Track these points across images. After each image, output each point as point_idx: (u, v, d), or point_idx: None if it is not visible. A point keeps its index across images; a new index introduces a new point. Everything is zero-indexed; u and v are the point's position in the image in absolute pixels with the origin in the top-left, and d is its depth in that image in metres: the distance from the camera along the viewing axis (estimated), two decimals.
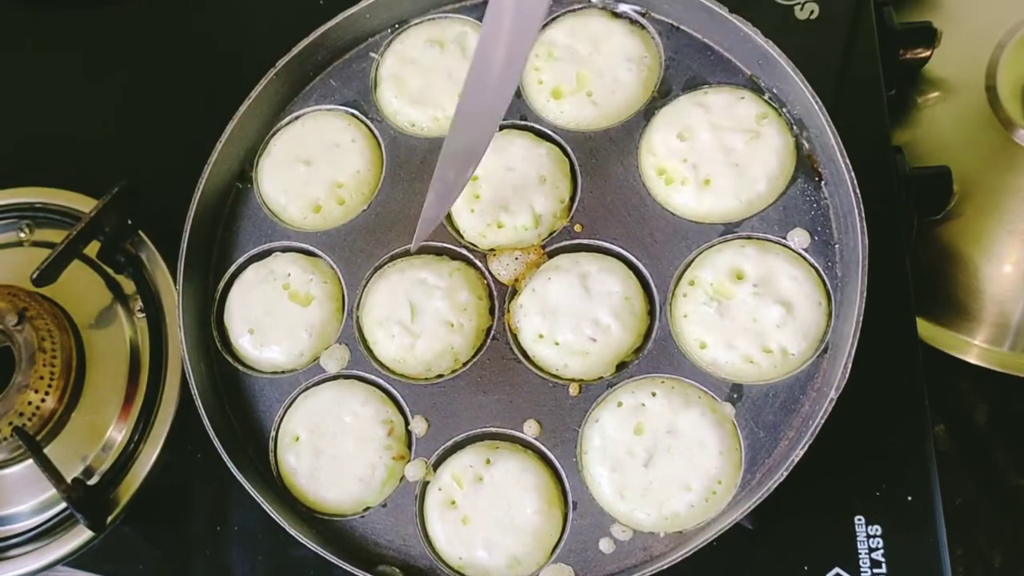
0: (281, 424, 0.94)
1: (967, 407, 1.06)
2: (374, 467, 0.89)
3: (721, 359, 0.86)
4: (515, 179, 0.94)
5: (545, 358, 0.90)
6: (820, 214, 0.88)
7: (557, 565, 0.85)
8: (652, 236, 0.91)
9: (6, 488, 1.05)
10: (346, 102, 1.04)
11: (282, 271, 0.97)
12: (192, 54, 1.24)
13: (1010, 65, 1.10)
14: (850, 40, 1.02)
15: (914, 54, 1.07)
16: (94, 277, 1.12)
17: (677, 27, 0.97)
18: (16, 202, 1.17)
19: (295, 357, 0.95)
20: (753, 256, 0.87)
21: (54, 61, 1.28)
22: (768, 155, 0.89)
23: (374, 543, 0.89)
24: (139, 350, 1.08)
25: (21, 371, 1.02)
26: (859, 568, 0.86)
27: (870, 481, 0.88)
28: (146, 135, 1.19)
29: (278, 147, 1.03)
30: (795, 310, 0.85)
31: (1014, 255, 1.05)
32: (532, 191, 0.93)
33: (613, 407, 0.87)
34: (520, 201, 0.93)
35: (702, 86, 0.94)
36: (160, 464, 1.03)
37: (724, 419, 0.85)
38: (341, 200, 1.00)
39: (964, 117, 1.11)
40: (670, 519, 0.83)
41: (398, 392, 0.92)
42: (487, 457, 0.88)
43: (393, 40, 1.05)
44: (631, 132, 0.95)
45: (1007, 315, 1.04)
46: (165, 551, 1.02)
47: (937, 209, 1.07)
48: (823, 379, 0.83)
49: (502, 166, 0.95)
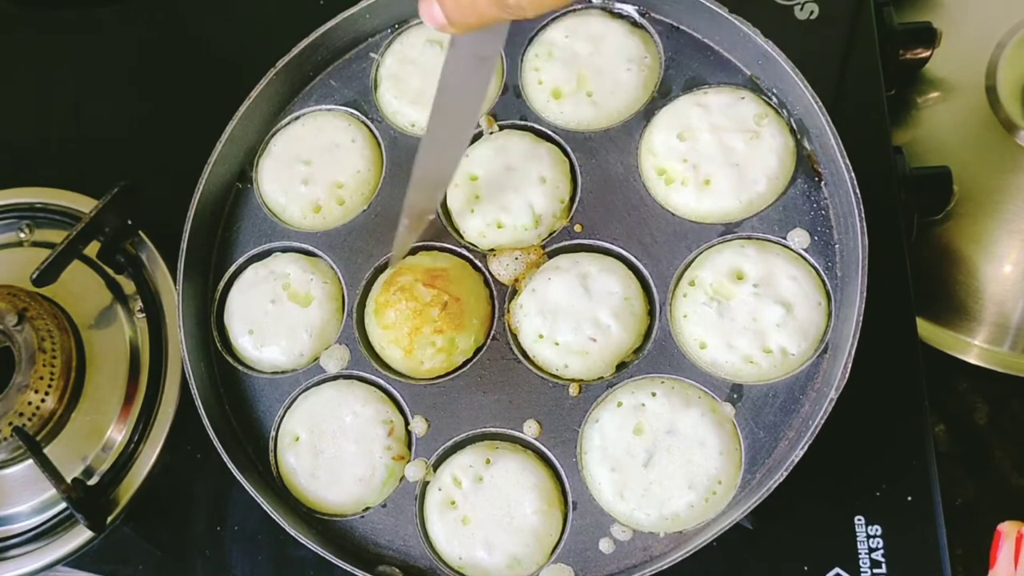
0: (281, 424, 0.94)
1: (967, 407, 1.06)
2: (374, 467, 0.89)
3: (721, 359, 0.86)
4: (515, 179, 0.94)
5: (545, 358, 0.90)
6: (820, 214, 0.88)
7: (557, 565, 0.85)
8: (652, 236, 0.91)
9: (6, 488, 1.05)
10: (346, 102, 1.04)
11: (282, 271, 0.97)
12: (192, 54, 1.24)
13: (1010, 65, 1.10)
14: (850, 40, 1.02)
15: (914, 54, 1.07)
16: (94, 277, 1.12)
17: (677, 27, 0.97)
18: (16, 202, 1.17)
19: (295, 357, 0.95)
20: (753, 256, 0.87)
21: (54, 61, 1.27)
22: (768, 155, 0.89)
23: (374, 543, 0.89)
24: (139, 350, 1.08)
25: (21, 371, 1.02)
26: (859, 568, 0.86)
27: (870, 481, 0.88)
28: (146, 135, 1.19)
29: (278, 147, 1.03)
30: (795, 310, 0.85)
31: (1014, 255, 1.05)
32: (532, 191, 0.93)
33: (613, 407, 0.87)
34: (520, 201, 0.93)
35: (702, 86, 0.94)
36: (160, 464, 1.03)
37: (724, 419, 0.85)
38: (341, 200, 1.00)
39: (964, 117, 1.11)
40: (670, 519, 0.83)
41: (398, 392, 0.92)
42: (487, 457, 0.88)
43: (393, 40, 1.05)
44: (631, 132, 0.95)
45: (1007, 315, 1.04)
46: (165, 551, 1.02)
47: (937, 209, 1.07)
48: (823, 379, 0.83)
49: (502, 166, 0.95)
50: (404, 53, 1.03)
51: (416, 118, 1.01)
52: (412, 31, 1.04)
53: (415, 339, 0.90)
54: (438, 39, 1.02)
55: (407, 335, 0.90)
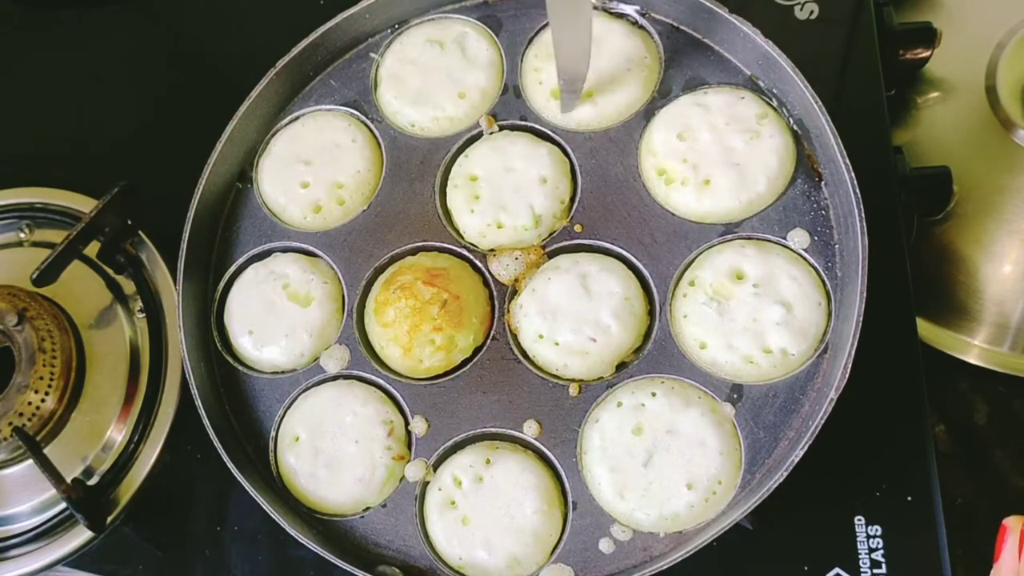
0: (281, 424, 0.94)
1: (967, 407, 1.06)
2: (374, 467, 0.89)
3: (721, 359, 0.86)
4: (515, 179, 0.94)
5: (545, 358, 0.90)
6: (820, 214, 0.88)
7: (557, 565, 0.85)
8: (652, 236, 0.91)
9: (6, 488, 1.05)
10: (346, 102, 1.04)
11: (282, 271, 0.97)
12: (192, 54, 1.24)
13: (1010, 65, 1.10)
14: (850, 40, 1.02)
15: (914, 54, 1.07)
16: (94, 277, 1.12)
17: (677, 27, 0.97)
18: (16, 202, 1.17)
19: (295, 357, 0.95)
20: (753, 256, 0.87)
21: (54, 61, 1.28)
22: (768, 155, 0.89)
23: (374, 543, 0.89)
24: (139, 350, 1.08)
25: (21, 371, 1.02)
26: (859, 568, 0.86)
27: (870, 481, 0.88)
28: (146, 135, 1.19)
29: (278, 147, 1.03)
30: (795, 310, 0.85)
31: (1014, 255, 1.05)
32: (532, 191, 0.93)
33: (613, 407, 0.87)
34: (520, 201, 0.93)
35: (702, 86, 0.94)
36: (160, 464, 1.03)
37: (724, 419, 0.85)
38: (341, 200, 1.00)
39: (964, 117, 1.11)
40: (670, 519, 0.83)
41: (398, 392, 0.92)
42: (487, 457, 0.88)
43: (393, 40, 1.05)
44: (631, 132, 0.95)
45: (1007, 315, 1.04)
46: (165, 551, 1.02)
47: (937, 209, 1.07)
48: (823, 379, 0.83)
49: (502, 166, 0.95)
50: (404, 53, 1.03)
51: (416, 118, 1.01)
52: (412, 31, 1.04)
53: (414, 337, 0.90)
54: (438, 39, 1.02)
55: (406, 333, 0.90)
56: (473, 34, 1.02)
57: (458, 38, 1.02)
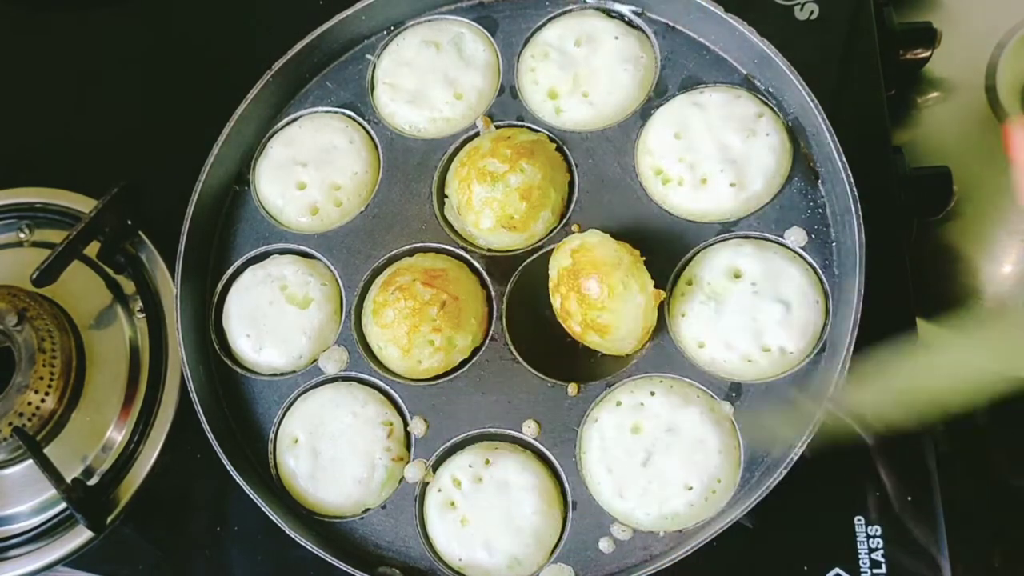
0: (280, 426, 0.94)
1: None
2: (373, 468, 0.89)
3: (719, 358, 0.86)
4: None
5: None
6: (817, 212, 0.88)
7: (557, 565, 0.85)
8: (650, 235, 0.91)
9: (6, 488, 1.05)
10: (343, 104, 1.04)
11: (280, 273, 0.97)
12: (190, 55, 1.24)
13: (1010, 65, 1.10)
14: (850, 40, 1.02)
15: (914, 54, 1.07)
16: (94, 277, 1.12)
17: (673, 27, 0.97)
18: (16, 202, 1.17)
19: (294, 359, 0.95)
20: (751, 254, 0.87)
21: (54, 61, 1.28)
22: (765, 154, 0.89)
23: (374, 544, 0.89)
24: (139, 350, 1.08)
25: (21, 371, 1.02)
26: (859, 568, 0.85)
27: (870, 481, 0.88)
28: (145, 135, 1.19)
29: (275, 149, 1.03)
30: (793, 308, 0.85)
31: (1014, 255, 1.05)
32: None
33: (612, 407, 0.87)
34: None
35: (698, 85, 0.94)
36: (160, 464, 1.03)
37: (723, 418, 0.84)
38: (338, 202, 1.00)
39: (964, 117, 1.11)
40: (670, 518, 0.83)
41: (397, 393, 0.92)
42: (486, 458, 0.88)
43: (389, 42, 1.05)
44: (628, 132, 0.95)
45: (1007, 315, 1.04)
46: (165, 551, 1.02)
47: (937, 209, 1.06)
48: (821, 377, 0.83)
49: None
50: (400, 55, 1.03)
51: (413, 119, 1.01)
52: (408, 32, 1.04)
53: (413, 338, 0.90)
54: (434, 40, 1.02)
55: (405, 334, 0.90)
56: (469, 35, 1.02)
57: (454, 39, 1.02)
